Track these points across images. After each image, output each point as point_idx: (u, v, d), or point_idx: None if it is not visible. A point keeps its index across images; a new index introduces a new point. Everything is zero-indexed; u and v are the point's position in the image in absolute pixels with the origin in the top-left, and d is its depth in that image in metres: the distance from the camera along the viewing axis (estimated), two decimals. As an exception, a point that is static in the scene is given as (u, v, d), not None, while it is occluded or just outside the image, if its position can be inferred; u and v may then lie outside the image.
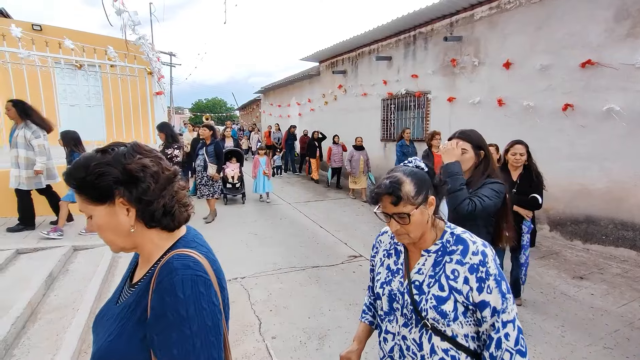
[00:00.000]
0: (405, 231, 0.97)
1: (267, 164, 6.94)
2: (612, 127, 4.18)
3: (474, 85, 5.87)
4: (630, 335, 2.60)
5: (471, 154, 1.64)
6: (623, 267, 3.84)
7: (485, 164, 1.65)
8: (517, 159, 2.76)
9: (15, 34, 4.40)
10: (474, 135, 1.66)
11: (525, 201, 2.72)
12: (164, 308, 0.67)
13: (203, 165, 5.45)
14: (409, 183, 0.95)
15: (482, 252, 0.95)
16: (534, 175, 2.76)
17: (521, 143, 2.78)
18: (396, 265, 1.10)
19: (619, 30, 4.07)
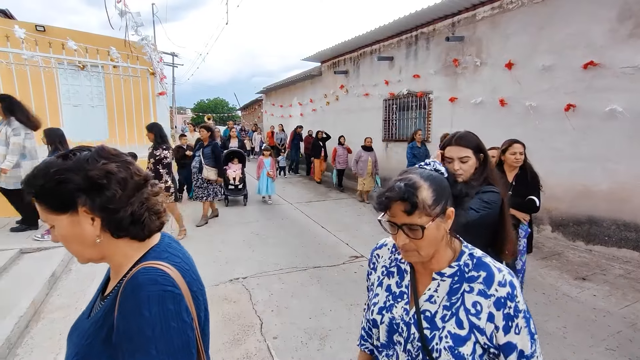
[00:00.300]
0: (415, 247, 0.81)
1: (271, 166, 6.81)
2: (615, 128, 4.17)
3: (476, 85, 5.86)
4: (633, 336, 2.59)
5: (473, 160, 1.51)
6: (626, 268, 3.82)
7: (483, 167, 1.54)
8: (517, 159, 2.61)
9: (18, 35, 4.43)
10: (472, 139, 1.53)
11: (522, 204, 2.57)
12: (128, 328, 0.63)
13: (198, 167, 5.37)
14: (426, 189, 0.79)
15: (510, 282, 0.80)
16: (529, 175, 2.64)
17: (519, 142, 2.65)
18: (399, 287, 0.92)
19: (622, 31, 4.05)
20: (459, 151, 1.50)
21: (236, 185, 6.76)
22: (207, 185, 5.36)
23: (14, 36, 4.53)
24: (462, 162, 1.49)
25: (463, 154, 1.50)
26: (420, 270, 0.90)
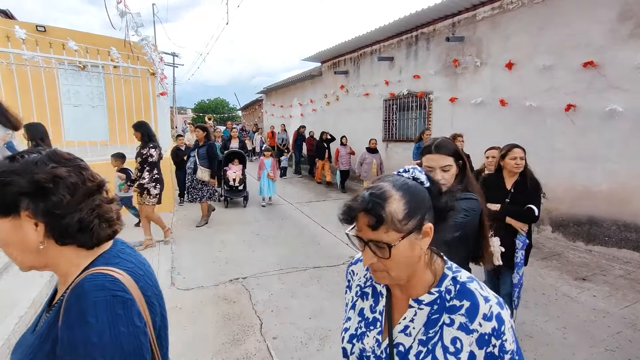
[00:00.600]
0: (384, 267, 0.70)
1: (272, 167, 6.69)
2: (615, 128, 4.16)
3: (476, 85, 5.86)
4: (633, 337, 2.59)
5: (454, 168, 1.45)
6: (626, 268, 3.82)
7: (462, 174, 1.48)
8: (517, 164, 2.45)
9: (19, 36, 4.44)
10: (451, 146, 1.46)
11: (520, 213, 2.41)
12: (73, 339, 0.60)
13: (193, 167, 5.29)
14: (397, 200, 0.67)
15: (498, 316, 0.68)
16: (530, 182, 2.47)
17: (519, 147, 2.51)
18: (373, 312, 0.81)
19: (623, 31, 4.05)
20: (441, 160, 1.40)
21: (236, 187, 6.67)
22: (201, 186, 5.28)
23: (14, 36, 4.54)
24: (444, 170, 1.40)
25: (445, 162, 1.40)
26: (397, 293, 0.78)
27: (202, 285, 3.41)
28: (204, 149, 5.25)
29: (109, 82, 6.09)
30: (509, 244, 2.41)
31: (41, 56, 4.70)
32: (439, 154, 1.41)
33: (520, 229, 2.45)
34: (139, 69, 5.85)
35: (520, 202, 2.43)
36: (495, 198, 2.44)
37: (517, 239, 2.46)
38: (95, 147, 5.63)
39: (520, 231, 2.46)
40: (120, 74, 5.77)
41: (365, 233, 0.69)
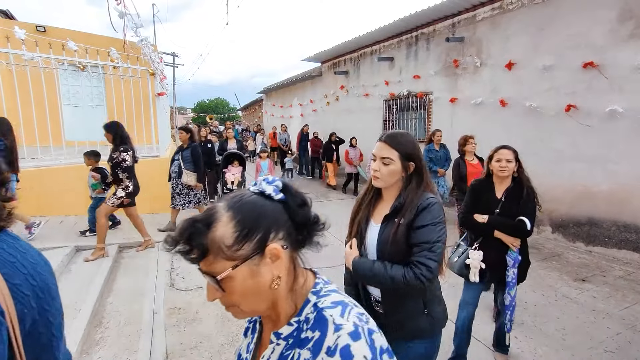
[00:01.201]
0: (232, 302, 0.60)
1: (269, 169, 6.38)
2: (615, 129, 4.16)
3: (476, 86, 5.85)
4: (632, 338, 2.59)
5: (397, 166, 1.26)
6: (626, 269, 3.82)
7: (417, 180, 1.28)
8: (503, 167, 2.16)
9: (18, 36, 4.44)
10: (404, 141, 1.28)
11: (509, 226, 2.12)
12: None
13: (177, 171, 4.88)
14: (225, 223, 0.57)
15: (344, 349, 0.53)
16: (525, 190, 2.15)
17: (508, 148, 2.22)
18: (248, 350, 0.72)
19: (623, 31, 4.05)
20: (384, 150, 1.27)
21: (232, 190, 6.47)
22: (188, 191, 4.92)
23: (14, 37, 4.54)
24: (383, 163, 1.27)
25: (386, 154, 1.26)
26: (267, 327, 0.69)
27: (202, 286, 3.41)
28: (188, 151, 4.90)
29: (108, 83, 6.09)
30: (499, 260, 2.15)
31: (41, 57, 4.70)
32: (386, 144, 1.27)
33: (511, 245, 2.15)
34: (139, 69, 5.85)
35: (511, 213, 2.13)
36: (483, 207, 2.21)
37: (508, 256, 2.16)
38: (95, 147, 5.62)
39: (511, 247, 2.15)
40: (119, 75, 5.77)
41: (202, 265, 0.58)
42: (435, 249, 1.19)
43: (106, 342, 2.48)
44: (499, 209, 2.18)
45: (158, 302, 3.06)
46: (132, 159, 3.93)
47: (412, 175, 1.28)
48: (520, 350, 2.46)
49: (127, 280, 3.48)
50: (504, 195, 2.20)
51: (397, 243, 1.24)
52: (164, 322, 2.77)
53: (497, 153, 2.22)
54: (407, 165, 1.27)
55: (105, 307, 2.95)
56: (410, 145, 1.29)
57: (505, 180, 2.23)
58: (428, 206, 1.23)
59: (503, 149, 2.21)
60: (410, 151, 1.27)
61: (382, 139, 1.31)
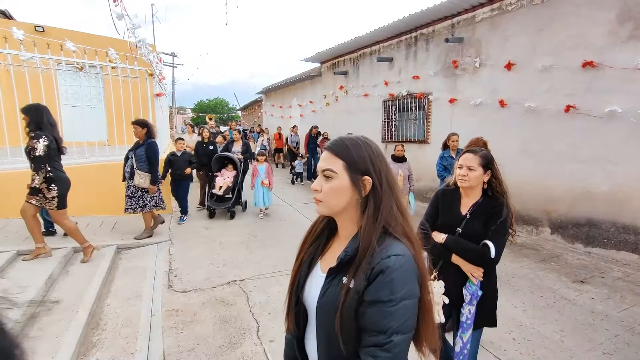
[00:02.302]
0: None
1: (266, 173, 5.93)
2: (614, 130, 4.16)
3: (475, 86, 5.85)
4: (631, 340, 2.58)
5: (342, 181, 0.83)
6: (625, 270, 3.81)
7: (374, 208, 0.82)
8: (462, 177, 1.74)
9: (17, 37, 4.43)
10: (353, 145, 0.86)
11: (471, 250, 1.68)
12: None
13: (130, 171, 4.31)
14: None
15: None
16: (495, 206, 1.71)
17: (474, 152, 1.76)
18: None
19: (622, 32, 4.04)
20: (328, 160, 0.86)
21: (221, 195, 5.85)
22: (141, 193, 4.36)
23: (12, 37, 4.53)
24: (324, 175, 0.86)
25: (328, 164, 0.86)
26: None
27: (200, 287, 3.40)
28: (142, 148, 4.25)
29: (107, 83, 6.08)
30: (455, 294, 1.73)
31: (39, 57, 4.69)
32: (328, 151, 0.87)
33: (471, 275, 1.70)
34: (137, 69, 5.84)
35: (475, 235, 1.70)
36: (444, 223, 1.82)
37: (465, 289, 1.71)
38: (94, 147, 5.61)
39: (470, 277, 1.70)
40: (118, 75, 5.76)
41: None
42: (391, 347, 0.74)
43: (103, 344, 2.47)
44: (462, 227, 1.75)
45: (156, 303, 3.05)
46: (45, 148, 3.27)
47: (369, 198, 0.84)
48: (519, 352, 2.46)
49: (125, 281, 3.47)
50: (470, 212, 1.76)
51: (346, 317, 0.78)
52: (162, 324, 2.76)
53: (460, 158, 1.79)
54: (357, 181, 0.83)
55: (102, 308, 2.95)
56: (362, 151, 0.86)
57: (472, 192, 1.78)
58: (385, 271, 0.74)
59: (467, 153, 1.79)
60: (362, 159, 0.84)
61: (325, 147, 0.90)
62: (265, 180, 5.87)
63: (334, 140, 0.91)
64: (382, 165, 0.87)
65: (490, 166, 1.76)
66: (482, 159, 1.74)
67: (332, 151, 0.87)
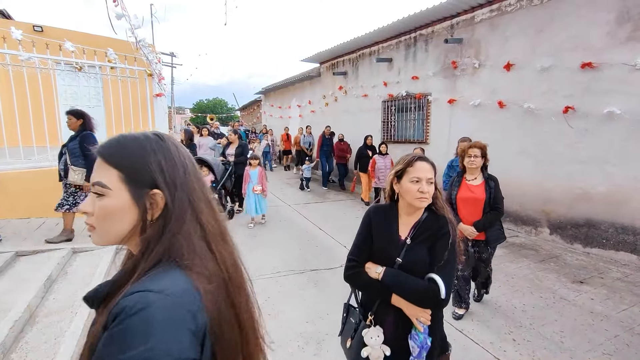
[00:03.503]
0: None
1: (259, 178, 5.42)
2: (613, 130, 4.17)
3: (474, 87, 5.86)
4: (630, 341, 2.59)
5: (118, 199, 0.62)
6: (623, 271, 3.82)
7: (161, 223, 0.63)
8: (422, 196, 1.33)
9: (15, 37, 4.41)
10: (132, 148, 0.65)
11: (414, 289, 1.29)
12: None
13: (64, 168, 3.82)
14: None
15: None
16: (444, 226, 1.34)
17: (427, 160, 1.38)
18: None
19: (621, 33, 4.06)
20: (97, 171, 0.66)
21: None
22: (75, 191, 3.86)
23: (11, 37, 4.51)
24: (94, 192, 0.64)
25: (98, 177, 0.65)
26: None
27: (199, 288, 3.39)
28: (76, 141, 3.74)
29: (106, 82, 6.07)
30: (399, 344, 1.33)
31: (38, 57, 4.67)
32: (99, 158, 0.66)
33: (415, 320, 1.30)
34: (136, 70, 5.83)
35: (419, 265, 1.32)
36: (382, 252, 1.38)
37: (411, 339, 1.31)
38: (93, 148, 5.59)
39: (416, 324, 1.30)
40: (117, 75, 5.75)
41: None
42: None
43: (103, 346, 2.46)
44: (402, 256, 1.33)
45: (155, 304, 3.04)
46: None
47: (159, 220, 0.62)
48: (519, 353, 2.46)
49: (124, 282, 3.46)
50: (411, 235, 1.36)
51: None
52: (161, 325, 2.75)
53: (415, 168, 1.35)
54: (142, 197, 0.62)
55: (102, 309, 2.93)
56: (148, 154, 0.64)
57: (414, 209, 1.38)
58: (120, 314, 0.51)
59: (421, 161, 1.37)
60: (146, 165, 0.63)
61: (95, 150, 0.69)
62: (257, 186, 5.36)
63: (106, 142, 0.67)
64: (180, 173, 0.64)
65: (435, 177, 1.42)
66: (434, 168, 1.39)
67: (102, 157, 0.64)
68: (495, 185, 2.75)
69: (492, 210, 2.72)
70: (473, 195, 2.76)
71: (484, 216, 2.72)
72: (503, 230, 2.89)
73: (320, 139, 9.05)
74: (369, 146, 7.46)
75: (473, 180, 2.81)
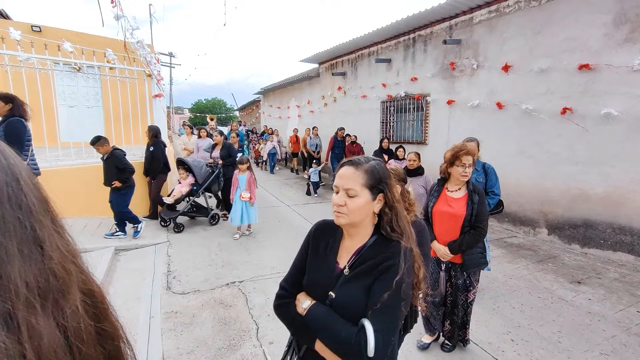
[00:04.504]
0: None
1: (248, 184, 4.86)
2: (610, 132, 4.19)
3: (473, 88, 5.88)
4: (627, 341, 2.61)
5: None
6: (621, 271, 3.85)
7: None
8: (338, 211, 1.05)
9: (14, 37, 4.40)
10: None
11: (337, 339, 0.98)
12: None
13: None
14: None
15: None
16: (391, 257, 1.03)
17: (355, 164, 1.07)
18: None
19: (618, 35, 4.08)
20: None
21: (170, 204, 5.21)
22: None
23: (9, 37, 4.50)
24: None
25: None
26: None
27: (199, 289, 3.40)
28: (1, 128, 3.34)
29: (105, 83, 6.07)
30: None
31: (36, 58, 4.66)
32: None
33: None
34: (135, 70, 5.83)
35: (354, 305, 1.02)
36: (316, 283, 1.11)
37: None
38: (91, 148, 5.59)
39: None
40: (116, 76, 5.74)
41: None
42: None
43: (102, 347, 2.46)
44: (336, 290, 1.05)
45: (154, 305, 3.04)
46: None
47: None
48: (517, 353, 2.47)
49: (123, 283, 3.46)
50: (350, 264, 1.06)
51: None
52: (161, 326, 2.76)
53: (337, 174, 1.08)
54: None
55: (101, 310, 2.93)
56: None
57: (356, 231, 1.08)
58: None
59: (347, 165, 1.07)
60: None
61: None
62: (245, 193, 4.80)
63: None
64: None
65: (381, 187, 1.05)
66: (368, 175, 1.03)
67: None
68: (480, 199, 2.24)
69: (472, 229, 2.23)
70: (451, 211, 2.28)
71: (462, 236, 2.24)
72: (486, 254, 2.42)
73: (332, 141, 8.42)
74: (385, 150, 6.73)
75: (455, 191, 2.33)
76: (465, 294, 2.37)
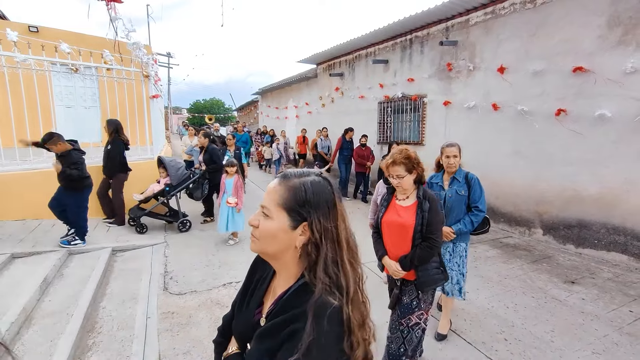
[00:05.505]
0: None
1: (234, 189, 4.56)
2: (604, 133, 4.24)
3: (469, 89, 5.92)
4: (619, 340, 2.64)
5: None
6: (614, 271, 3.89)
7: None
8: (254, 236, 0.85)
9: (10, 38, 4.40)
10: None
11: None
12: None
13: None
14: None
15: None
16: (301, 315, 0.71)
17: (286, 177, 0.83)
18: None
19: (611, 37, 4.12)
20: None
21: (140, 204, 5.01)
22: None
23: (5, 38, 4.50)
24: None
25: None
26: None
27: (195, 289, 3.41)
28: None
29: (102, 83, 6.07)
30: None
31: (33, 59, 4.66)
32: None
33: None
34: (133, 71, 5.83)
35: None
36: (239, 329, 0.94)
37: None
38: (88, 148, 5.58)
39: None
40: (113, 77, 5.74)
41: None
42: None
43: (99, 347, 2.47)
44: (252, 342, 0.84)
45: (151, 306, 3.06)
46: None
47: None
48: (510, 352, 2.50)
49: (120, 284, 3.47)
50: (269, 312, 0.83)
51: None
52: (157, 326, 2.77)
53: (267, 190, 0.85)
54: None
55: (98, 311, 2.95)
56: None
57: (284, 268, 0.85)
58: None
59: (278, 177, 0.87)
60: None
61: None
62: (231, 198, 4.50)
63: None
64: None
65: (303, 212, 0.79)
66: (290, 193, 0.79)
67: None
68: (431, 206, 1.98)
69: (423, 241, 1.97)
70: (399, 220, 2.02)
71: (413, 249, 1.98)
72: (444, 269, 2.09)
73: (340, 142, 7.88)
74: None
75: (404, 199, 2.07)
76: (407, 316, 2.01)
